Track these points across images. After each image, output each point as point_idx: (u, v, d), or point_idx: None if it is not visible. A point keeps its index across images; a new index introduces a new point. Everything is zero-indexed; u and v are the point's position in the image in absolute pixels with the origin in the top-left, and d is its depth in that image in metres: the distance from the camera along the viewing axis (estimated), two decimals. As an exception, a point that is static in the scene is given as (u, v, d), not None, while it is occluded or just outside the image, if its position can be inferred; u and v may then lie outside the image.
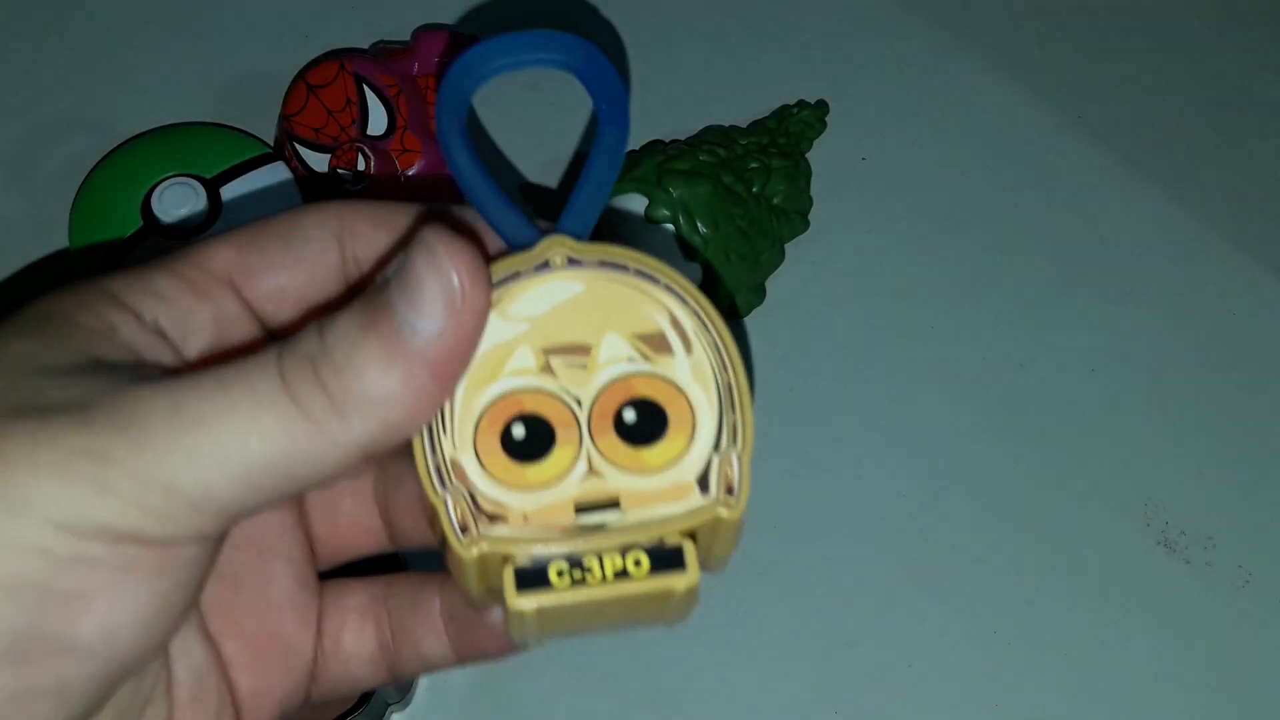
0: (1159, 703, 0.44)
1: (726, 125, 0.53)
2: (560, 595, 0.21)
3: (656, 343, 0.22)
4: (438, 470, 0.22)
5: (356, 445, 0.20)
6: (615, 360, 0.22)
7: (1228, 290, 0.52)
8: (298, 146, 0.49)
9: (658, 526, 0.22)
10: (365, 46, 0.53)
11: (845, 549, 0.46)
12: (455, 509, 0.21)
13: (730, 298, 0.49)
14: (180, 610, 0.21)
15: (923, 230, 0.53)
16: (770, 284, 0.51)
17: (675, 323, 0.22)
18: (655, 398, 0.22)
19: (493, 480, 0.22)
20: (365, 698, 0.43)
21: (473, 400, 0.22)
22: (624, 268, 0.23)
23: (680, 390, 0.22)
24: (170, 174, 0.47)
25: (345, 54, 0.50)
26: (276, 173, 0.49)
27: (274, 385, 0.20)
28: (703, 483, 0.22)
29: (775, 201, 0.50)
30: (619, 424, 0.22)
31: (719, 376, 0.22)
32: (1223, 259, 0.53)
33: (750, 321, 0.50)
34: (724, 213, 0.47)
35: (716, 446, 0.22)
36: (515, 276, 0.22)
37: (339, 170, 0.48)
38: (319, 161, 0.49)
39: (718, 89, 0.55)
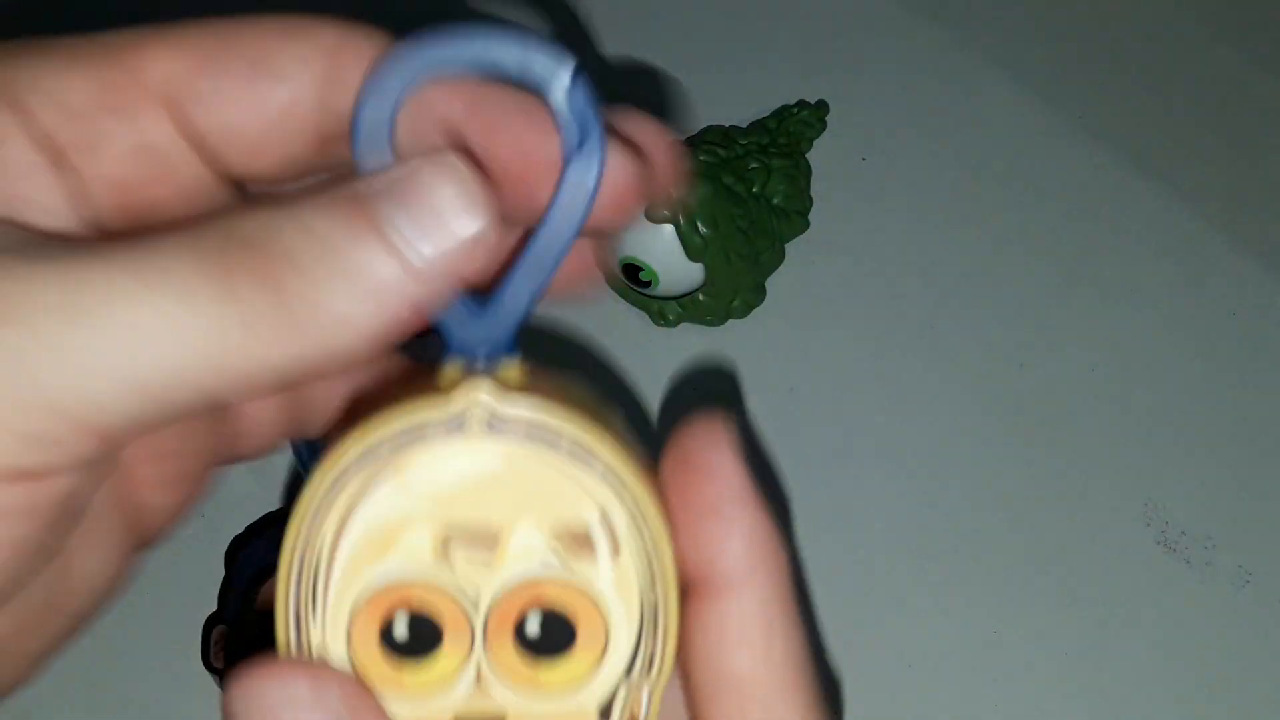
0: (1159, 702, 0.44)
1: (726, 125, 0.53)
2: None
3: (578, 541, 0.19)
4: (299, 655, 0.19)
5: (297, 363, 0.16)
6: (526, 557, 0.19)
7: (1228, 290, 0.52)
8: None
9: None
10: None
11: (845, 549, 0.46)
12: None
13: (730, 298, 0.49)
14: (52, 552, 0.17)
15: (923, 230, 0.53)
16: (770, 284, 0.51)
17: (605, 518, 0.19)
18: (565, 609, 0.19)
19: (363, 679, 0.19)
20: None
21: (352, 581, 0.19)
22: (555, 444, 0.18)
23: (596, 603, 0.19)
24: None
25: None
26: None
27: (202, 272, 0.16)
28: (604, 714, 0.19)
29: (775, 201, 0.50)
30: (519, 634, 0.19)
31: (645, 594, 0.19)
32: (1223, 259, 0.53)
33: (750, 321, 0.50)
34: (724, 213, 0.47)
35: (628, 672, 0.19)
36: (420, 435, 0.18)
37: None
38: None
39: (718, 89, 0.55)
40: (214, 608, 0.44)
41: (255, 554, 0.45)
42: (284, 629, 0.19)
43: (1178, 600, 0.46)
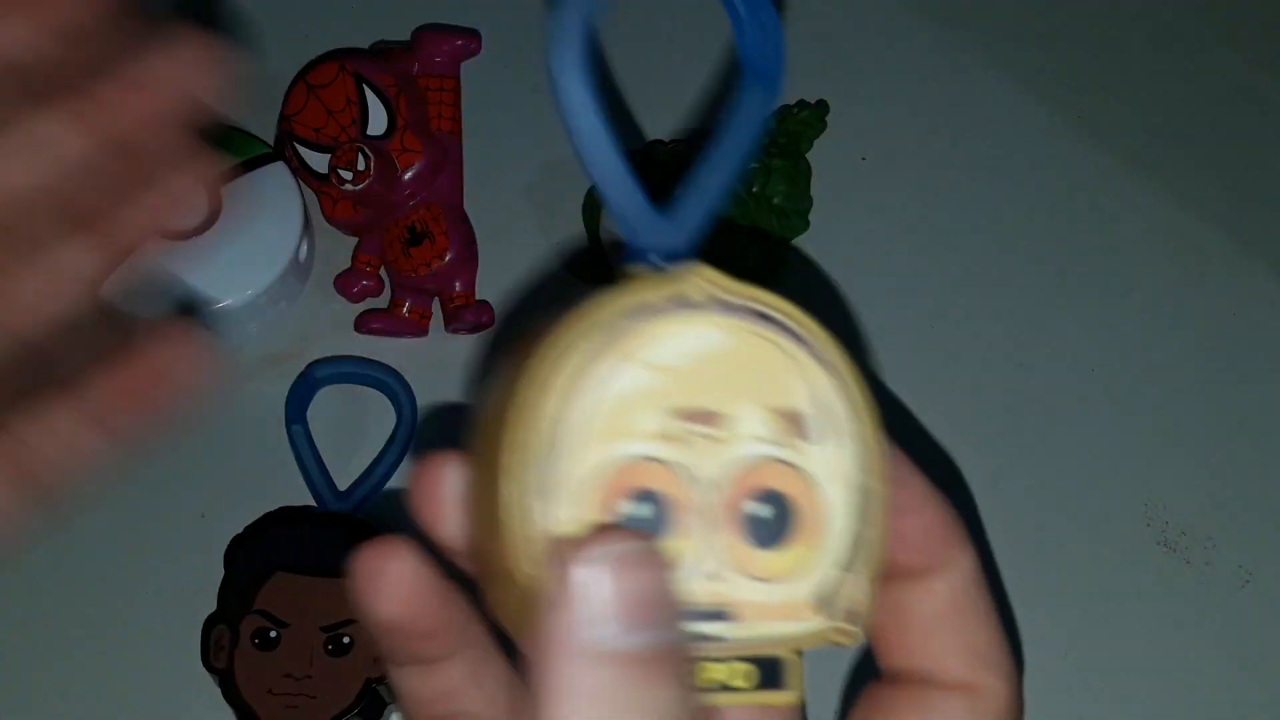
0: (1159, 702, 0.44)
1: (726, 125, 0.53)
2: None
3: (794, 424, 0.19)
4: (541, 543, 0.18)
5: None
6: (750, 438, 0.18)
7: (1228, 290, 0.52)
8: (298, 146, 0.49)
9: (766, 646, 0.19)
10: (365, 46, 0.53)
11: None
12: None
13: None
14: None
15: (923, 230, 0.53)
16: (770, 284, 0.50)
17: (822, 403, 0.19)
18: (788, 492, 0.18)
19: None
20: (362, 697, 0.43)
21: (582, 459, 0.18)
22: (776, 322, 0.19)
23: (814, 487, 0.19)
24: (170, 174, 0.47)
25: (345, 54, 0.50)
26: (276, 173, 0.49)
27: None
28: (822, 602, 0.19)
29: (775, 201, 0.50)
30: (743, 518, 0.18)
31: (861, 480, 0.19)
32: (1223, 259, 0.53)
33: (750, 321, 0.50)
34: (724, 213, 0.47)
35: (846, 565, 0.19)
36: (648, 311, 0.18)
37: (339, 170, 0.48)
38: (319, 161, 0.49)
39: (718, 89, 0.55)
40: (214, 608, 0.44)
41: (255, 554, 0.45)
42: (516, 512, 0.18)
43: (1178, 600, 0.46)
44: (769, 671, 0.19)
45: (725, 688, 0.19)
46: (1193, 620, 0.45)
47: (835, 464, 0.19)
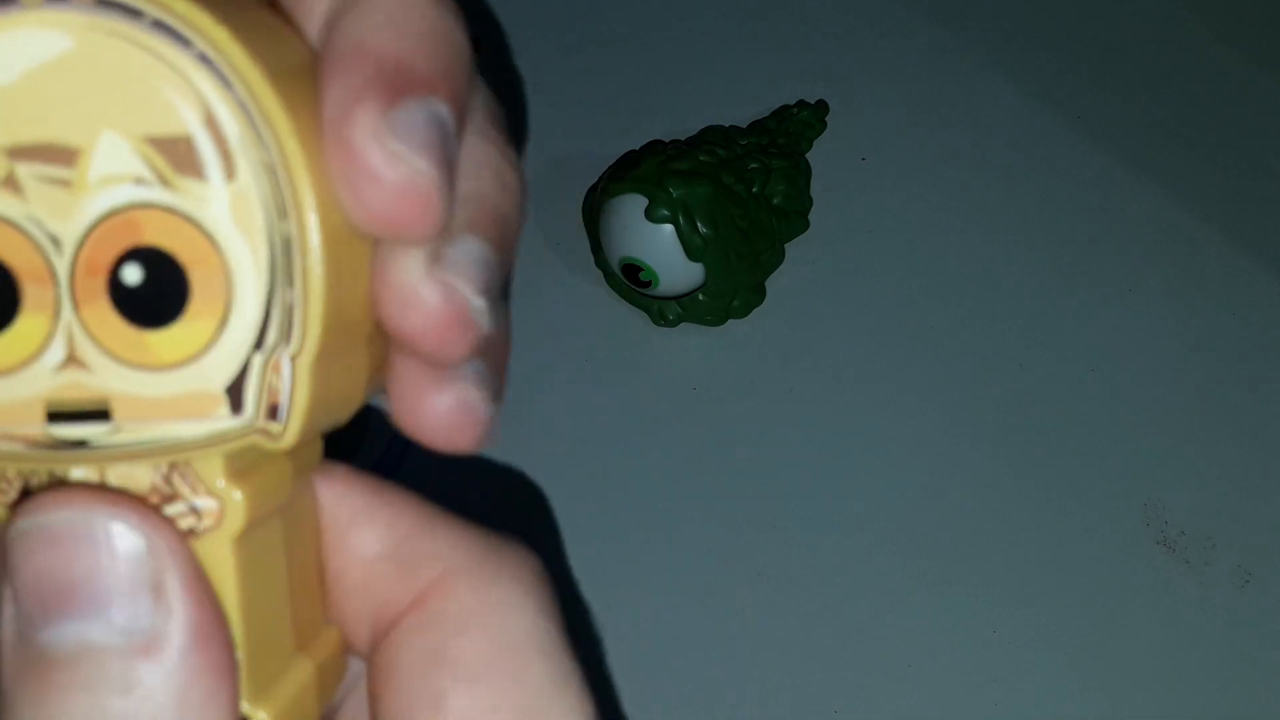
0: (1159, 703, 0.44)
1: (726, 125, 0.53)
2: None
3: (180, 154, 0.14)
4: None
5: None
6: (115, 180, 0.14)
7: (1228, 290, 0.52)
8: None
9: (166, 451, 0.15)
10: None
11: (845, 549, 0.46)
12: None
13: (730, 298, 0.49)
14: None
15: (923, 230, 0.53)
16: (770, 284, 0.51)
17: (212, 122, 0.14)
18: (172, 249, 0.14)
19: None
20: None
21: None
22: (143, 16, 0.14)
23: (212, 240, 0.14)
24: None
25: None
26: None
27: None
28: (233, 394, 0.15)
29: (775, 201, 0.50)
30: (115, 287, 0.14)
31: (274, 225, 0.14)
32: (1223, 259, 0.53)
33: (750, 321, 0.50)
34: (724, 213, 0.47)
35: (259, 342, 0.14)
36: None
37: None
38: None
39: (718, 89, 0.55)
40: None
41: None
42: None
43: (1178, 600, 0.46)
44: None
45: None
46: (1192, 620, 0.46)
47: (237, 206, 0.14)
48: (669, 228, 0.47)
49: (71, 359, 0.14)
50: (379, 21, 0.15)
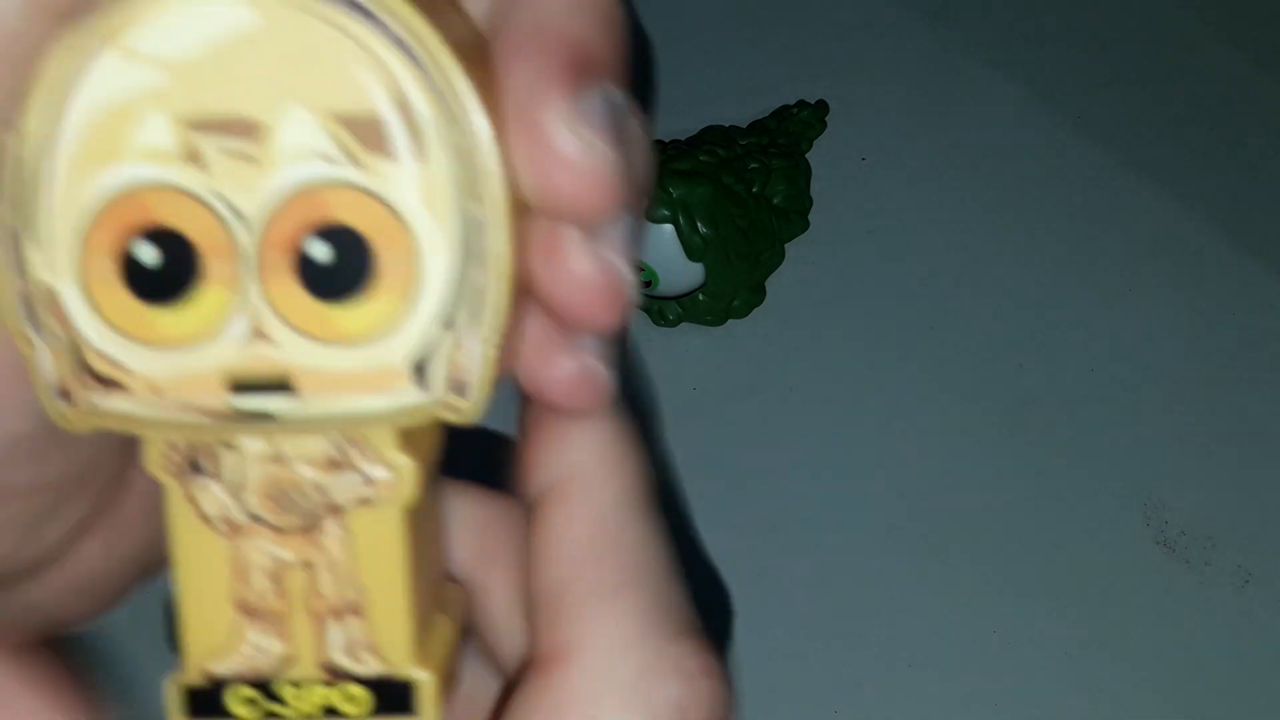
0: (1159, 703, 0.44)
1: (726, 125, 0.53)
2: None
3: (369, 133, 0.14)
4: (25, 300, 0.14)
5: None
6: (303, 156, 0.14)
7: (1228, 290, 0.52)
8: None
9: (349, 425, 0.15)
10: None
11: (845, 549, 0.46)
12: (52, 363, 0.14)
13: (730, 298, 0.49)
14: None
15: (923, 230, 0.53)
16: (770, 284, 0.51)
17: (403, 103, 0.14)
18: (360, 227, 0.14)
19: (107, 326, 0.14)
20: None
21: (77, 191, 0.14)
22: None
23: (400, 219, 0.14)
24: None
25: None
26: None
27: None
28: (418, 370, 0.15)
29: (775, 201, 0.50)
30: (302, 263, 0.14)
31: (464, 206, 0.14)
32: (1223, 259, 0.53)
33: (750, 321, 0.50)
34: (724, 213, 0.47)
35: (448, 320, 0.14)
36: None
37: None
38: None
39: (718, 89, 0.55)
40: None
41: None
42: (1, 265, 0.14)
43: (1178, 600, 0.46)
44: (390, 694, 0.15)
45: (331, 713, 0.15)
46: (1192, 620, 0.45)
47: (427, 187, 0.14)
48: (669, 227, 0.47)
49: (256, 332, 0.14)
50: (561, 3, 0.15)
